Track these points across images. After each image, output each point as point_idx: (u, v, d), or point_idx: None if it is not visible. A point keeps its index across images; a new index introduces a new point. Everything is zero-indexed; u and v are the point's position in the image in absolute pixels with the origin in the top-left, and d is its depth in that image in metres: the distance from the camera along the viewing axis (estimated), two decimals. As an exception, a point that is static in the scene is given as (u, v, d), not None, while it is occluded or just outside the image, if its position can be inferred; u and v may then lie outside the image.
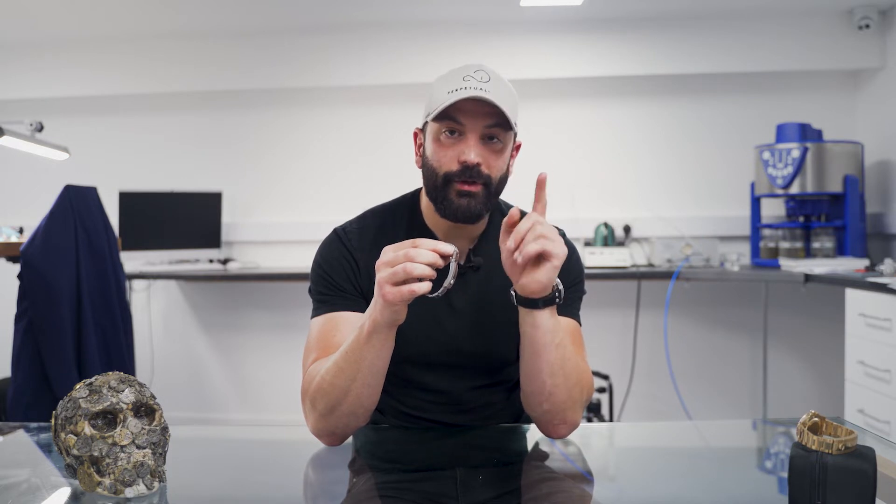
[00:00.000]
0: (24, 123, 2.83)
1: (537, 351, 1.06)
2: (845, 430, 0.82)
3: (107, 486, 0.87)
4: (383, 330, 1.01)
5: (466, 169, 1.12)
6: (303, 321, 1.25)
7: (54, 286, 2.29)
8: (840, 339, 2.71)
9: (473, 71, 1.13)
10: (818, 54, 3.43)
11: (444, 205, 1.15)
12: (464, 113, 1.11)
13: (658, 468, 1.15)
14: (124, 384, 0.92)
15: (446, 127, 1.13)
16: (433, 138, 1.15)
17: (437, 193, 1.15)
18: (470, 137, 1.12)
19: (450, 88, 1.11)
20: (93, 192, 2.53)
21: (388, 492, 0.98)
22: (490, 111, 1.11)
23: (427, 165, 1.17)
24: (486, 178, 1.13)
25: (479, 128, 1.12)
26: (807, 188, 3.14)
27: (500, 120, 1.12)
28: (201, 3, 3.26)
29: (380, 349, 1.03)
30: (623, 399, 3.48)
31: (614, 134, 3.67)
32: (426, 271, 0.94)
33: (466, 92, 1.09)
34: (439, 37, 3.57)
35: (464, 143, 1.12)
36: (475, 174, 1.12)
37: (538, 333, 1.05)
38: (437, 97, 1.13)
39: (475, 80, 1.11)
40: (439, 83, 1.15)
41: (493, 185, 1.15)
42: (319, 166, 3.76)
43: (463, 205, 1.13)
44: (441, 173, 1.14)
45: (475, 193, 1.13)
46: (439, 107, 1.11)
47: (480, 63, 1.16)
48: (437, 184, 1.15)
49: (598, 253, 3.38)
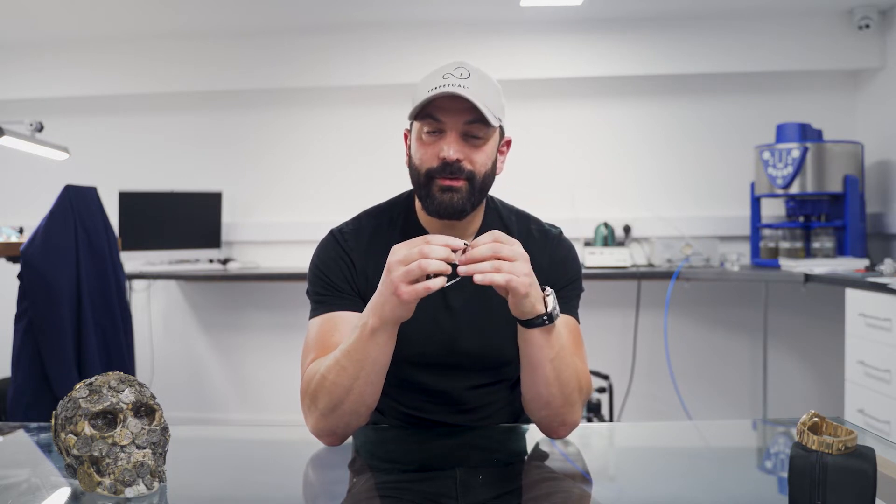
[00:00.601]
0: (24, 123, 2.83)
1: (533, 365, 1.07)
2: (845, 430, 0.82)
3: (107, 486, 0.87)
4: (389, 327, 1.01)
5: (447, 165, 1.12)
6: (303, 321, 1.25)
7: (54, 286, 2.29)
8: (840, 339, 2.71)
9: (454, 68, 1.14)
10: (818, 54, 3.43)
11: (428, 201, 1.16)
12: (442, 110, 1.12)
13: (658, 468, 1.15)
14: (124, 384, 0.92)
15: (426, 125, 1.14)
16: (416, 137, 1.17)
17: (422, 191, 1.16)
18: (449, 134, 1.13)
19: (430, 87, 1.12)
20: (93, 192, 2.53)
21: (388, 492, 0.98)
22: (469, 107, 1.11)
23: (411, 165, 1.19)
24: (469, 174, 1.14)
25: (459, 124, 1.13)
26: (807, 188, 3.13)
27: (478, 116, 1.12)
28: (201, 3, 3.25)
29: (384, 346, 1.03)
30: (623, 399, 3.48)
31: (614, 134, 3.67)
32: (442, 266, 0.94)
33: (442, 90, 1.09)
34: (439, 37, 3.56)
35: (443, 141, 1.13)
36: (456, 170, 1.13)
37: (531, 350, 1.05)
38: (418, 96, 1.14)
39: (454, 77, 1.12)
40: (422, 82, 1.16)
41: (477, 180, 1.15)
42: (319, 166, 3.76)
43: (445, 200, 1.14)
44: (423, 171, 1.15)
45: (458, 188, 1.14)
46: (418, 106, 1.12)
47: (462, 60, 1.17)
48: (420, 181, 1.16)
49: (598, 253, 3.38)
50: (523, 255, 0.98)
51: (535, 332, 1.03)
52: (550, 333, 1.04)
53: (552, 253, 1.26)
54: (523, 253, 0.98)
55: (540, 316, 1.01)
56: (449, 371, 1.22)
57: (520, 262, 0.97)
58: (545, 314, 1.02)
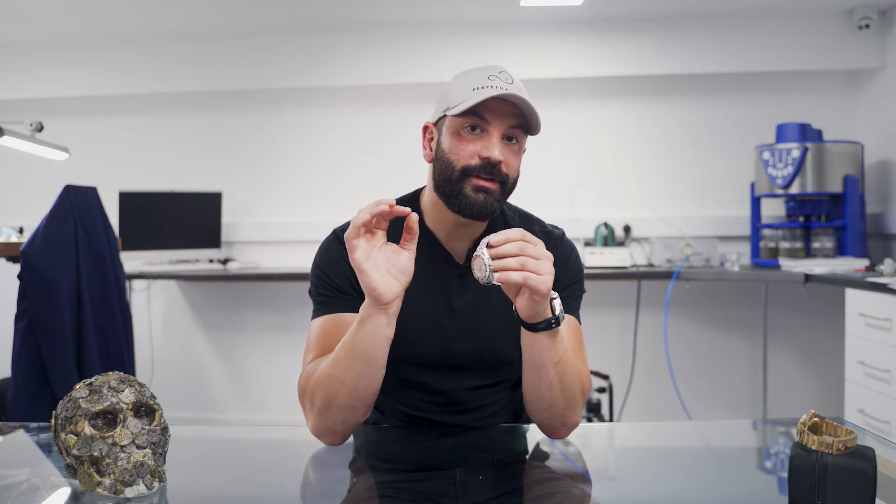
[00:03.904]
0: (24, 123, 2.83)
1: (536, 368, 1.06)
2: (845, 430, 0.82)
3: (107, 486, 0.87)
4: (373, 312, 1.00)
5: (488, 165, 1.12)
6: (303, 321, 1.25)
7: (54, 286, 2.29)
8: (840, 339, 2.71)
9: (498, 72, 1.14)
10: (818, 54, 3.43)
11: (458, 199, 1.14)
12: (490, 111, 1.12)
13: (658, 468, 1.15)
14: (124, 384, 0.92)
15: (470, 122, 1.13)
16: (452, 132, 1.15)
17: (452, 187, 1.14)
18: (494, 134, 1.12)
19: (475, 86, 1.11)
20: (93, 192, 2.53)
21: (388, 492, 0.98)
22: (514, 112, 1.12)
23: (442, 159, 1.16)
24: (504, 177, 1.14)
25: (504, 127, 1.13)
26: (807, 188, 3.14)
27: (522, 122, 1.13)
28: (201, 3, 3.26)
29: (371, 334, 1.01)
30: (623, 399, 3.48)
31: (614, 134, 3.67)
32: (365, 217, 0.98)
33: (494, 90, 1.09)
34: (439, 37, 3.57)
35: (487, 140, 1.13)
36: (496, 171, 1.12)
37: (535, 353, 1.05)
38: (459, 93, 1.12)
39: (500, 80, 1.12)
40: (461, 79, 1.15)
41: (508, 184, 1.16)
42: (319, 166, 3.76)
43: (479, 200, 1.13)
44: (458, 167, 1.13)
45: (492, 190, 1.13)
46: (465, 102, 1.10)
47: (501, 65, 1.17)
48: (452, 177, 1.14)
49: (598, 253, 3.38)
50: (547, 255, 0.97)
51: (540, 335, 1.03)
52: (555, 337, 1.04)
53: (555, 254, 1.25)
54: (547, 253, 0.98)
55: (547, 320, 1.01)
56: (449, 371, 1.22)
57: (544, 261, 0.96)
58: (552, 318, 1.01)
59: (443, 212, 1.19)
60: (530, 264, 0.94)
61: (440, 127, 1.19)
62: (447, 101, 1.15)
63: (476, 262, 0.97)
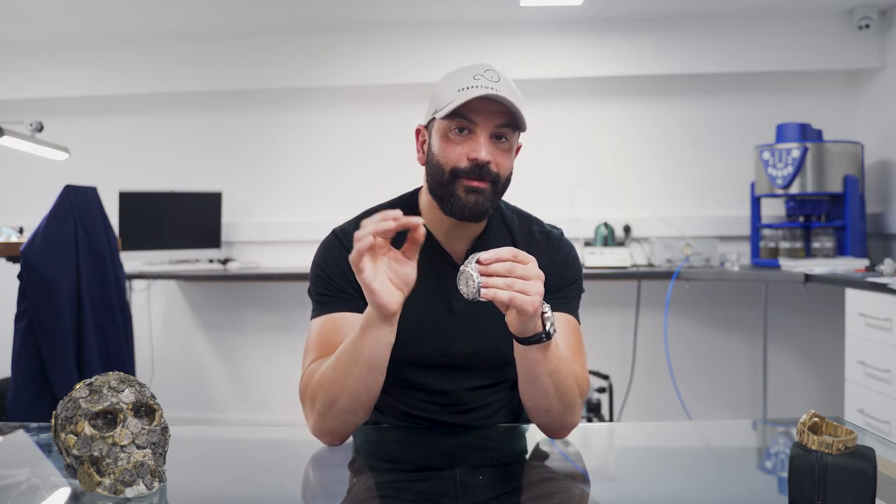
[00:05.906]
0: (24, 123, 2.83)
1: (531, 379, 1.06)
2: (845, 430, 0.82)
3: (107, 486, 0.87)
4: (376, 322, 1.00)
5: (476, 166, 1.11)
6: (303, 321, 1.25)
7: (54, 286, 2.29)
8: (840, 339, 2.71)
9: (484, 70, 1.13)
10: (818, 54, 3.43)
11: (450, 201, 1.14)
12: (475, 111, 1.11)
13: (658, 468, 1.15)
14: (124, 384, 0.92)
15: (456, 124, 1.12)
16: (441, 135, 1.15)
17: (443, 190, 1.14)
18: (480, 135, 1.12)
19: (460, 87, 1.11)
20: (93, 192, 2.53)
21: (388, 492, 0.98)
22: (501, 110, 1.11)
23: (432, 162, 1.16)
24: (495, 177, 1.13)
25: (490, 126, 1.12)
26: (807, 188, 3.14)
27: (510, 120, 1.12)
28: (201, 3, 3.26)
29: (374, 343, 1.01)
30: (623, 399, 3.48)
31: (614, 134, 3.67)
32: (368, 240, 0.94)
33: (478, 91, 1.08)
34: (439, 37, 3.57)
35: (474, 141, 1.12)
36: (485, 172, 1.12)
37: (528, 365, 1.04)
38: (445, 95, 1.12)
39: (486, 79, 1.11)
40: (447, 81, 1.15)
41: (500, 183, 1.15)
42: (319, 166, 3.76)
43: (471, 201, 1.13)
44: (448, 169, 1.13)
45: (483, 190, 1.13)
46: (450, 104, 1.10)
47: (489, 63, 1.16)
48: (442, 180, 1.14)
49: (598, 253, 3.38)
50: (538, 275, 0.95)
51: (532, 348, 1.02)
52: (548, 349, 1.03)
53: (553, 254, 1.26)
54: (538, 272, 0.95)
55: (538, 334, 1.00)
56: (449, 372, 1.22)
57: (534, 281, 0.94)
58: (543, 332, 1.00)
59: (440, 213, 1.19)
60: (517, 285, 0.93)
61: (430, 130, 1.18)
62: (435, 103, 1.15)
63: (462, 276, 0.95)
